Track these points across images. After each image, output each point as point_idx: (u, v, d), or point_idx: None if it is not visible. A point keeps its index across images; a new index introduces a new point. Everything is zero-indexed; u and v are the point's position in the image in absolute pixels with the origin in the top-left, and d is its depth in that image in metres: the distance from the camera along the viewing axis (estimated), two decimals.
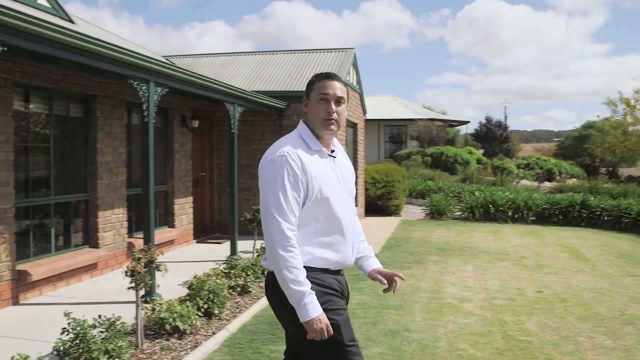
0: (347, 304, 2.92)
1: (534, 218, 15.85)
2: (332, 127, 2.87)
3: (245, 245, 10.03)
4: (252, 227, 8.91)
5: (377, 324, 6.08)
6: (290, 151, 2.75)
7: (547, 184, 25.43)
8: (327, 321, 2.65)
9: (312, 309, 2.61)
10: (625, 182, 25.38)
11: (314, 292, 2.65)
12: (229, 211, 9.64)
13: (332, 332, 2.66)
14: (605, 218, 14.88)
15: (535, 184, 25.12)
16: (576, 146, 38.87)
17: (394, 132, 36.95)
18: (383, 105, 38.75)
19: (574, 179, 27.91)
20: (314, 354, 2.77)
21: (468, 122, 44.03)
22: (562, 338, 5.74)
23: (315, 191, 2.75)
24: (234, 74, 13.50)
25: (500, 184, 22.32)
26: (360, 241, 3.12)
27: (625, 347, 5.49)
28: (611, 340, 5.71)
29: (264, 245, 9.10)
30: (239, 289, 7.13)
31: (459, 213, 16.49)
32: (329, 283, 2.80)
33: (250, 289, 7.21)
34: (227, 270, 7.49)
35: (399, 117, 36.10)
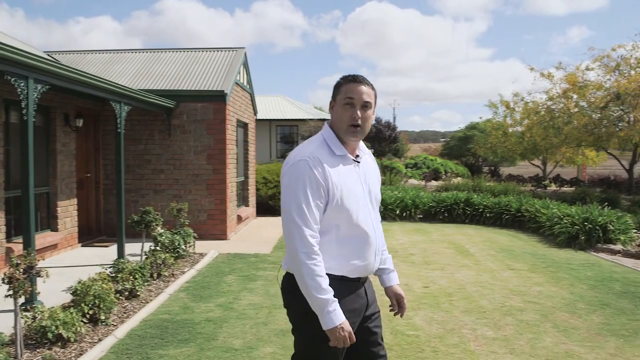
0: (370, 311, 2.91)
1: (421, 216, 16.35)
2: (357, 133, 2.79)
3: (133, 248, 9.76)
4: (140, 230, 8.69)
5: (269, 324, 6.07)
6: (312, 156, 2.69)
7: (433, 182, 26.33)
8: (349, 329, 2.60)
9: (335, 317, 2.56)
10: (505, 181, 26.66)
11: (337, 299, 2.59)
12: (116, 213, 9.34)
13: (354, 340, 2.63)
14: (488, 215, 15.57)
15: (423, 182, 25.93)
16: (461, 146, 40.43)
17: (286, 132, 37.05)
18: (274, 105, 38.77)
19: (459, 178, 29.06)
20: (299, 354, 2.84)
21: None
22: (448, 331, 5.95)
23: (336, 198, 2.68)
24: (121, 72, 13.11)
25: (389, 183, 22.85)
26: (383, 250, 3.04)
27: (505, 337, 5.76)
28: (492, 331, 5.97)
29: (152, 247, 8.91)
30: (126, 293, 6.91)
31: None
32: (345, 291, 2.73)
33: (138, 293, 7.02)
34: (114, 275, 7.26)
35: (290, 117, 36.22)
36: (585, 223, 11.93)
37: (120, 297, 6.78)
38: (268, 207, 16.14)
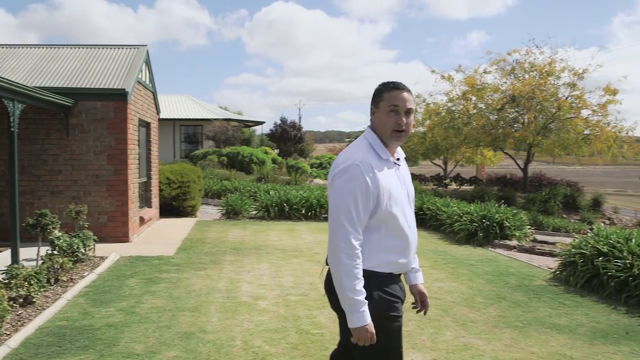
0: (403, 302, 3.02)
1: (326, 215, 16.47)
2: (401, 138, 2.93)
3: (28, 253, 9.35)
4: (36, 233, 8.33)
5: (172, 327, 5.95)
6: (363, 161, 2.82)
7: None
8: (373, 330, 2.75)
9: (363, 318, 2.72)
10: None
11: (367, 302, 2.74)
12: (9, 216, 8.91)
13: (374, 341, 2.77)
14: None
15: (327, 182, 26.13)
16: None
17: (190, 131, 36.58)
18: (178, 105, 38.19)
19: None
20: (365, 353, 2.86)
21: (263, 122, 44.80)
22: None
23: (384, 201, 2.83)
24: (15, 68, 12.52)
25: (295, 183, 22.94)
26: None
27: (407, 333, 5.90)
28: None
29: (49, 252, 8.55)
30: (21, 300, 6.60)
31: (254, 212, 16.68)
32: (396, 291, 2.92)
33: (34, 300, 6.72)
34: (6, 281, 6.93)
35: (194, 117, 35.80)
36: (484, 220, 12.39)
37: (14, 305, 6.47)
38: (172, 208, 15.85)
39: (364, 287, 2.75)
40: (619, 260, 7.81)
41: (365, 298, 2.74)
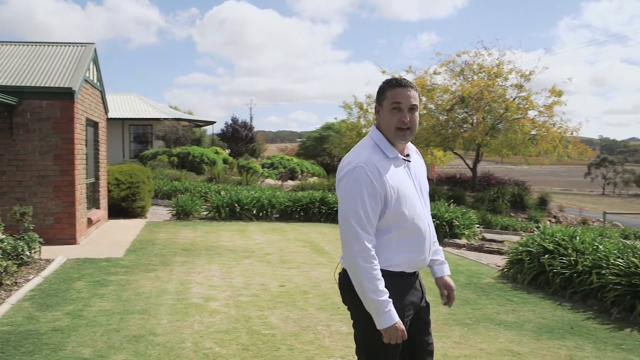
0: (423, 301, 3.04)
1: (277, 215, 16.45)
2: (406, 135, 2.89)
3: None
4: None
5: (121, 331, 5.85)
6: (368, 162, 2.79)
7: (290, 182, 26.57)
8: (403, 327, 2.76)
9: (392, 316, 2.72)
10: None
11: (391, 300, 2.73)
12: None
13: (406, 337, 2.78)
14: None
15: (279, 182, 26.12)
16: (317, 146, 41.10)
17: (140, 131, 36.09)
18: (128, 104, 37.63)
19: (315, 177, 29.50)
20: (364, 352, 2.93)
21: (214, 122, 44.51)
22: (303, 328, 6.02)
23: (393, 202, 2.80)
24: None
25: (246, 183, 22.84)
26: (433, 242, 3.13)
27: None
28: (347, 326, 6.10)
29: None
30: None
31: (205, 213, 16.54)
32: (407, 294, 2.91)
33: None
34: None
35: (144, 117, 35.33)
36: (434, 219, 12.49)
37: None
38: (121, 209, 15.59)
39: None
40: (564, 258, 8.00)
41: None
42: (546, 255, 8.24)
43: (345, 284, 2.95)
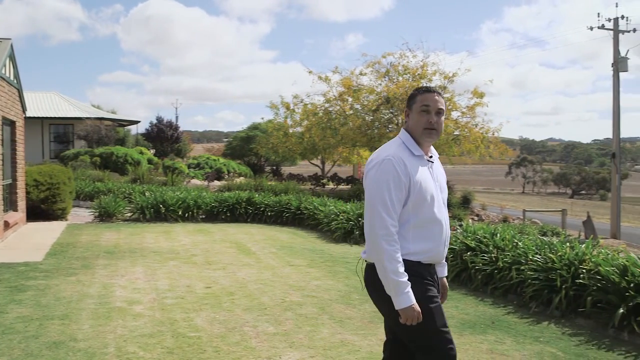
0: (438, 291, 3.27)
1: (203, 216, 16.26)
2: (432, 135, 3.20)
3: None
4: None
5: (40, 337, 5.65)
6: (395, 156, 3.10)
7: (216, 182, 26.30)
8: (419, 309, 3.00)
9: (409, 298, 2.97)
10: (286, 180, 27.43)
11: (409, 283, 2.99)
12: None
13: (421, 319, 3.00)
14: (269, 213, 15.91)
15: (205, 183, 25.83)
16: (243, 146, 40.83)
17: (60, 131, 35.04)
18: (48, 103, 36.46)
19: (242, 178, 29.32)
20: (415, 337, 3.12)
21: (138, 121, 43.66)
22: (229, 330, 5.97)
23: (416, 193, 3.08)
24: None
25: (171, 183, 22.46)
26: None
27: (285, 332, 5.92)
28: (273, 326, 6.11)
29: None
30: None
31: (129, 214, 16.18)
32: (426, 274, 3.15)
33: None
34: None
35: (65, 116, 34.32)
36: (360, 219, 12.64)
37: None
38: (40, 211, 15.07)
39: None
40: (485, 255, 8.21)
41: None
42: (468, 253, 8.44)
43: (371, 279, 3.21)
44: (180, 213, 15.76)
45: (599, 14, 29.42)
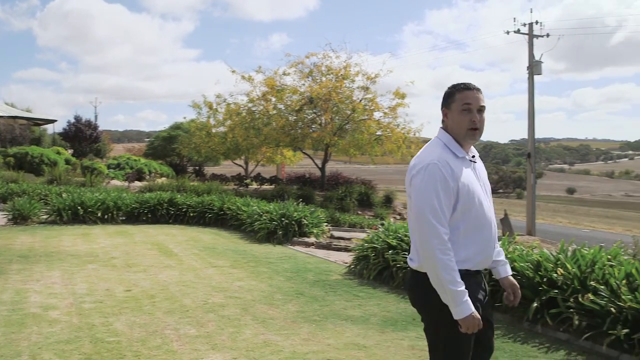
0: (486, 300, 3.13)
1: (124, 218, 15.88)
2: (476, 135, 3.04)
3: None
4: None
5: None
6: (440, 160, 2.94)
7: (137, 183, 25.78)
8: (478, 316, 2.87)
9: (468, 307, 2.84)
10: (209, 180, 27.13)
11: (467, 291, 2.85)
12: None
13: (481, 326, 2.89)
14: (191, 214, 15.70)
15: (126, 183, 25.27)
16: (165, 146, 40.15)
17: None
18: None
19: (164, 178, 28.85)
20: (435, 353, 3.06)
21: (55, 120, 42.38)
22: (150, 333, 5.86)
23: (464, 196, 2.94)
24: None
25: (90, 184, 21.86)
26: (495, 244, 3.20)
27: (207, 334, 5.86)
28: (195, 329, 6.03)
29: None
30: None
31: (45, 217, 15.63)
32: (471, 284, 2.96)
33: None
34: None
35: None
36: (283, 219, 12.66)
37: None
38: None
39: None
40: (406, 253, 8.34)
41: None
42: (390, 251, 8.56)
43: (417, 287, 3.08)
44: (99, 215, 15.34)
45: (514, 18, 30.49)
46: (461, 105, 3.04)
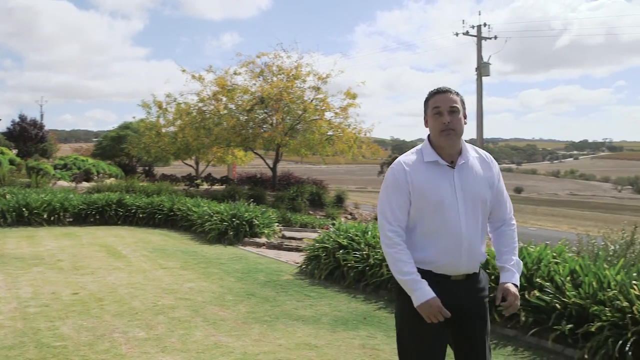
0: (461, 309, 3.06)
1: (71, 219, 15.56)
2: (450, 136, 3.03)
3: None
4: None
5: None
6: (399, 162, 3.12)
7: (85, 184, 25.27)
8: (438, 304, 2.92)
9: (422, 294, 2.93)
10: (159, 181, 26.78)
11: (423, 280, 2.96)
12: None
13: (447, 315, 2.94)
14: (141, 215, 15.49)
15: (73, 184, 24.77)
16: (114, 146, 39.51)
17: None
18: None
19: (112, 179, 28.36)
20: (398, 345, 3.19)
21: None
22: (98, 337, 5.76)
23: (416, 199, 3.02)
24: None
25: (36, 185, 21.33)
26: (507, 251, 3.19)
27: (157, 336, 5.79)
28: (144, 331, 5.95)
29: None
30: None
31: None
32: (432, 284, 3.00)
33: None
34: None
35: None
36: (234, 219, 12.60)
37: None
38: None
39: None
40: (357, 252, 8.40)
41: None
42: (341, 251, 8.60)
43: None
44: (45, 216, 15.01)
45: (463, 21, 31.01)
46: (432, 110, 3.11)
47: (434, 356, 3.05)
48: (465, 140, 3.16)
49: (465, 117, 3.16)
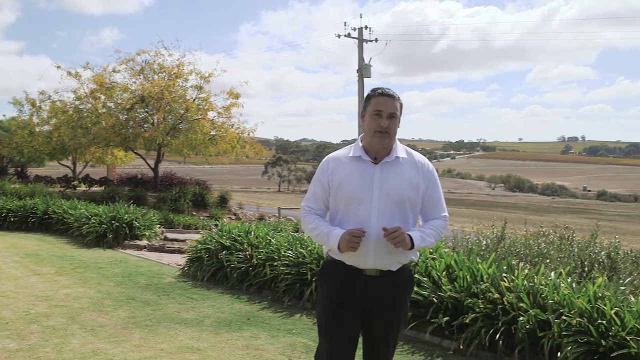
0: (366, 302, 3.22)
1: None
2: (384, 138, 3.16)
3: None
4: None
5: None
6: (332, 156, 3.35)
7: None
8: (348, 232, 3.09)
9: (334, 237, 3.14)
10: (33, 182, 25.54)
11: (331, 230, 3.19)
12: None
13: (356, 245, 3.07)
14: (12, 219, 14.76)
15: None
16: None
17: None
18: None
19: None
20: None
21: None
22: None
23: (333, 191, 3.25)
24: None
25: None
26: (424, 225, 3.32)
27: (29, 347, 5.53)
28: (16, 342, 5.66)
29: None
30: None
31: None
32: (340, 276, 3.24)
33: None
34: None
35: None
36: (113, 221, 12.23)
37: None
38: None
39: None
40: (240, 253, 8.38)
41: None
42: (224, 252, 8.55)
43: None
44: None
45: (345, 23, 31.51)
46: (373, 110, 3.20)
47: (349, 340, 3.25)
48: (348, 140, 3.33)
49: (399, 121, 3.29)
